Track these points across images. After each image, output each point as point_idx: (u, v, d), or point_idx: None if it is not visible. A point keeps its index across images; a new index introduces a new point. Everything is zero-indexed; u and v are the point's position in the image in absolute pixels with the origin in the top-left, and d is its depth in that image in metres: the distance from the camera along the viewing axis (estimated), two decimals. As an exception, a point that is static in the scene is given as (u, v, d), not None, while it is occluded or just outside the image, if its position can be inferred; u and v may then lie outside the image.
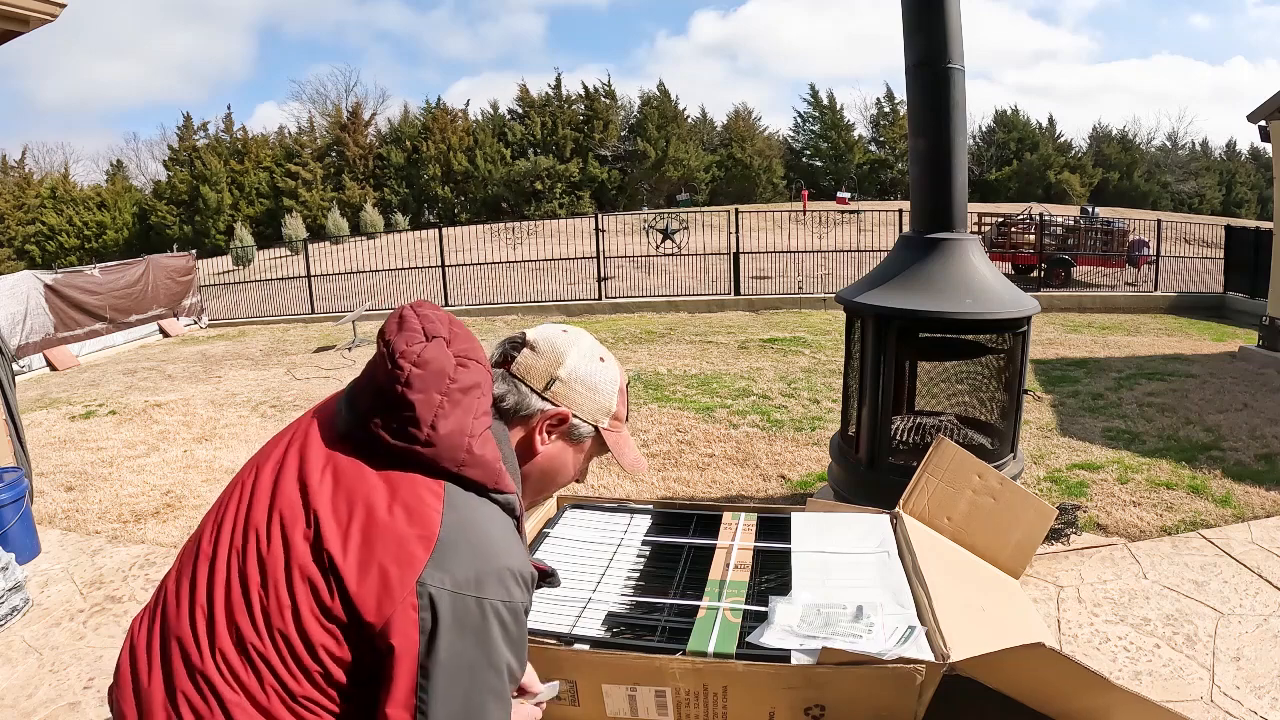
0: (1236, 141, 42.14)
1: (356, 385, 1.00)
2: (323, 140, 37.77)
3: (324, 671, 0.87)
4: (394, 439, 0.92)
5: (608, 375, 1.10)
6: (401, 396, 0.92)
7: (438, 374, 0.93)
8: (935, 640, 1.63)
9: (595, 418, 1.09)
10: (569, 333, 1.11)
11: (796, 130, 43.93)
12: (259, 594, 0.89)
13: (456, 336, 0.99)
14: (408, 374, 0.92)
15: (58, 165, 36.65)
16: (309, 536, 0.90)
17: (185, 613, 0.92)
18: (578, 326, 1.15)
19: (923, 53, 2.97)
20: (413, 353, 0.94)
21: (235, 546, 0.93)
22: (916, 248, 3.07)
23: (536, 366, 1.07)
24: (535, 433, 1.07)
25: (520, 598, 0.92)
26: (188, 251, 14.26)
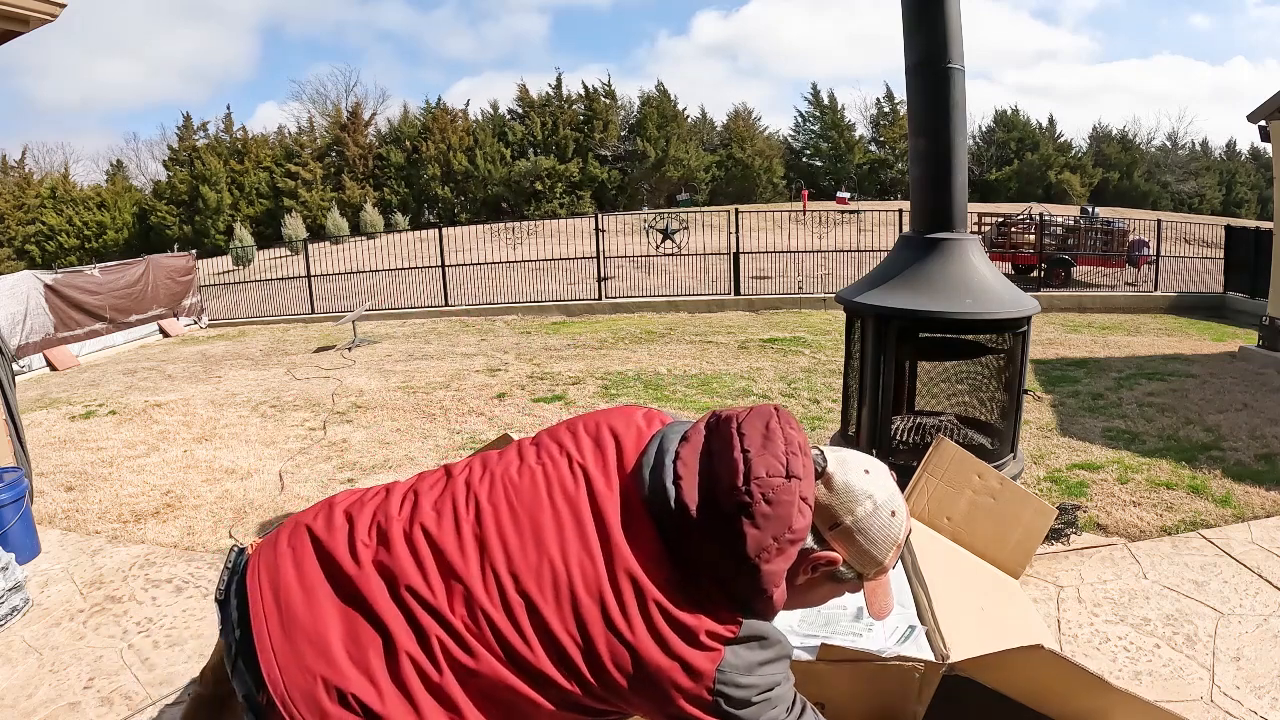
0: (1236, 141, 42.18)
1: (685, 465, 0.96)
2: (323, 140, 37.75)
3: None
4: (711, 558, 0.91)
5: (892, 533, 1.03)
6: (736, 522, 0.90)
7: (781, 520, 0.91)
8: (935, 640, 1.63)
9: (863, 568, 1.03)
10: (871, 474, 1.04)
11: (797, 130, 43.96)
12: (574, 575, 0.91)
13: (807, 478, 0.95)
14: (755, 506, 0.90)
15: (58, 165, 36.66)
16: (609, 604, 0.90)
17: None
18: (879, 463, 1.07)
19: (923, 53, 2.97)
20: (770, 484, 0.91)
21: (518, 548, 0.93)
22: (916, 248, 3.07)
23: (826, 506, 1.01)
24: (802, 568, 1.02)
25: (790, 676, 1.00)
26: (188, 251, 14.26)
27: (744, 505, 0.90)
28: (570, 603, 0.90)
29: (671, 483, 0.94)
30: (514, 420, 5.69)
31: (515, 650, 0.88)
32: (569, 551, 0.92)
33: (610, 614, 0.89)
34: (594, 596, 0.90)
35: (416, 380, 7.26)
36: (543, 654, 0.88)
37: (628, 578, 0.91)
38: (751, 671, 0.92)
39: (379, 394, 6.74)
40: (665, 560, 0.92)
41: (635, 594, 0.90)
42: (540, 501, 0.96)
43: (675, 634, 0.89)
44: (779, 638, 0.97)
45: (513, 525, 0.94)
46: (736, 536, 0.90)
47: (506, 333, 10.33)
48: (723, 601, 0.92)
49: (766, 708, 0.94)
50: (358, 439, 5.36)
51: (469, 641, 0.88)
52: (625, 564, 0.91)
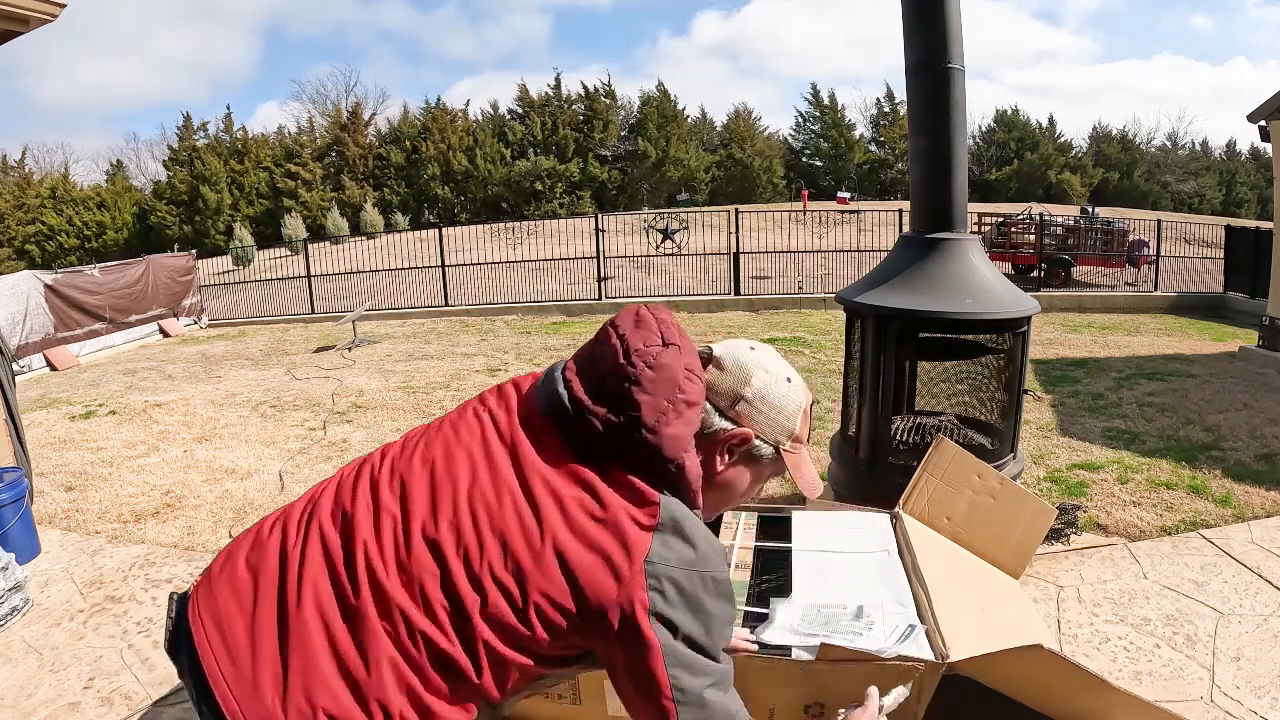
0: (1236, 141, 42.20)
1: (571, 372, 0.98)
2: (322, 140, 37.76)
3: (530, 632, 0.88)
4: (612, 435, 0.92)
5: (793, 396, 1.07)
6: (628, 394, 0.92)
7: (669, 381, 0.93)
8: (935, 640, 1.63)
9: (777, 439, 1.06)
10: (756, 350, 1.08)
11: (797, 130, 43.98)
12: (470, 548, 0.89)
13: (687, 349, 0.98)
14: (639, 373, 0.92)
15: (58, 165, 36.68)
16: (525, 515, 0.90)
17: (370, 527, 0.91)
18: (762, 343, 1.11)
19: (923, 53, 2.97)
20: (649, 353, 0.93)
21: (430, 503, 0.92)
22: (916, 248, 3.07)
23: (722, 385, 1.04)
24: (717, 453, 1.04)
25: (728, 572, 0.96)
26: (188, 251, 14.26)
27: (629, 376, 0.92)
28: (492, 532, 0.89)
29: (563, 387, 0.96)
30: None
31: (450, 611, 0.87)
32: (479, 483, 0.92)
33: (526, 525, 0.89)
34: (513, 513, 0.90)
35: (416, 380, 7.26)
36: (474, 599, 0.87)
37: (542, 484, 0.91)
38: (688, 571, 0.90)
39: (379, 394, 6.74)
40: (574, 461, 0.93)
41: (551, 497, 0.90)
42: (451, 452, 0.96)
43: (596, 525, 0.89)
44: (709, 539, 0.95)
45: (426, 481, 0.94)
46: (631, 408, 0.91)
47: (506, 333, 10.33)
48: (638, 488, 0.92)
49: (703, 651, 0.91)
50: (358, 439, 5.36)
51: (412, 616, 0.87)
52: (538, 473, 0.92)
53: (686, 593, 0.89)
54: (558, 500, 0.90)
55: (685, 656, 0.90)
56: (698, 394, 0.96)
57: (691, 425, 0.95)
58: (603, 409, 0.93)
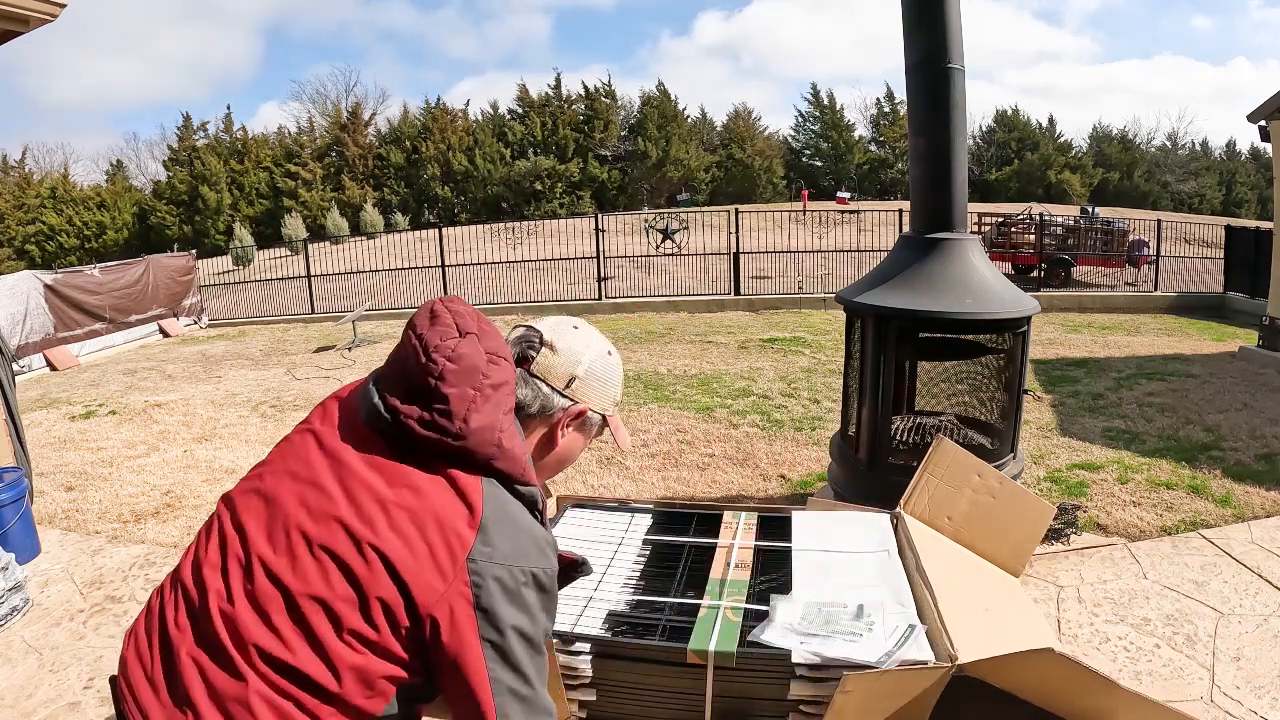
0: (1236, 141, 42.18)
1: (383, 376, 1.02)
2: (322, 140, 37.76)
3: (369, 640, 0.89)
4: (426, 430, 0.95)
5: (615, 368, 1.17)
6: (435, 390, 0.95)
7: (471, 370, 0.96)
8: (940, 641, 1.63)
9: (605, 408, 1.15)
10: (580, 329, 1.15)
11: (797, 130, 43.97)
12: (298, 577, 0.90)
13: (486, 334, 1.02)
14: (442, 368, 0.95)
15: (58, 165, 36.66)
16: (354, 524, 0.92)
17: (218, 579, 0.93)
18: (581, 319, 1.19)
19: (923, 53, 2.98)
20: (446, 347, 0.97)
21: (266, 532, 0.94)
22: (916, 248, 3.07)
23: (557, 367, 1.10)
24: (559, 429, 1.12)
25: (555, 565, 1.00)
26: (188, 251, 14.26)
27: (432, 373, 0.95)
28: (323, 548, 0.91)
29: (376, 397, 1.00)
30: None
31: (302, 634, 0.89)
32: (306, 502, 0.95)
33: (354, 534, 0.91)
34: (338, 526, 0.92)
35: (416, 380, 7.25)
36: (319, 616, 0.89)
37: (366, 492, 0.94)
38: (510, 567, 0.93)
39: (379, 394, 6.74)
40: (397, 465, 0.96)
41: (376, 504, 0.93)
42: (279, 478, 0.99)
43: (419, 527, 0.91)
44: (532, 533, 0.98)
45: (261, 512, 0.97)
46: (439, 402, 0.95)
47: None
48: (460, 484, 0.95)
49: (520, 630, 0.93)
50: (358, 439, 5.36)
51: (269, 648, 0.89)
52: (361, 482, 0.95)
53: (509, 588, 0.92)
54: (382, 506, 0.92)
55: (508, 653, 0.92)
56: (503, 375, 1.00)
57: (502, 406, 0.99)
58: (415, 409, 0.95)
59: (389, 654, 0.91)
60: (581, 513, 2.43)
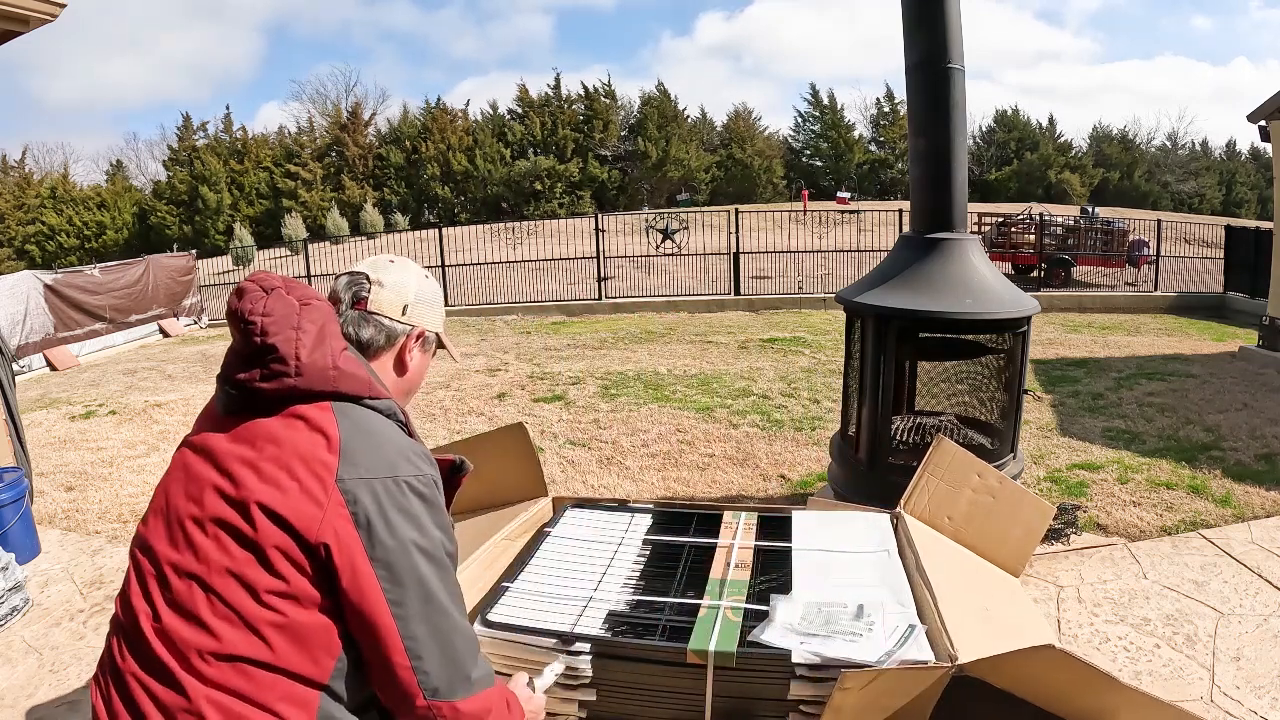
0: (1236, 141, 42.17)
1: (225, 368, 1.07)
2: (322, 140, 37.75)
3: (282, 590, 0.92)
4: (269, 383, 1.00)
5: (437, 289, 1.28)
6: (263, 345, 1.00)
7: (286, 315, 1.02)
8: (941, 641, 1.63)
9: (438, 326, 1.26)
10: (396, 262, 1.24)
11: (797, 130, 43.96)
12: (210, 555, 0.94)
13: (292, 286, 1.08)
14: (261, 325, 1.01)
15: (57, 165, 36.66)
16: (229, 489, 0.96)
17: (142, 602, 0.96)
18: (393, 253, 1.31)
19: (923, 53, 2.97)
20: (259, 308, 1.03)
21: (167, 539, 0.98)
22: (916, 248, 3.07)
23: (389, 299, 1.19)
24: (405, 353, 1.21)
25: (429, 471, 1.04)
26: (188, 251, 14.26)
27: (254, 333, 1.01)
28: (215, 525, 0.95)
29: (221, 382, 1.07)
30: (514, 420, 5.69)
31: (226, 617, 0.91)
32: (190, 494, 1.00)
33: (234, 501, 0.95)
34: (220, 500, 0.96)
35: (416, 380, 7.25)
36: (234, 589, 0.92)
37: (238, 462, 0.98)
38: (382, 479, 0.96)
39: (379, 394, 6.74)
40: (259, 429, 1.01)
41: (247, 467, 0.97)
42: (168, 489, 1.04)
43: (286, 469, 0.96)
44: (396, 444, 1.03)
45: (162, 525, 1.00)
46: (270, 353, 1.00)
47: (506, 333, 10.33)
48: (313, 419, 1.00)
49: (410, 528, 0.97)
50: (358, 439, 5.36)
51: (203, 645, 0.91)
52: (233, 456, 0.99)
53: (385, 501, 0.96)
54: (250, 465, 0.97)
55: (403, 569, 0.95)
56: (318, 313, 1.06)
57: (327, 335, 1.04)
58: (254, 372, 1.01)
59: (308, 600, 0.92)
60: (581, 513, 2.43)
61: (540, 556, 2.14)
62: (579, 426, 5.44)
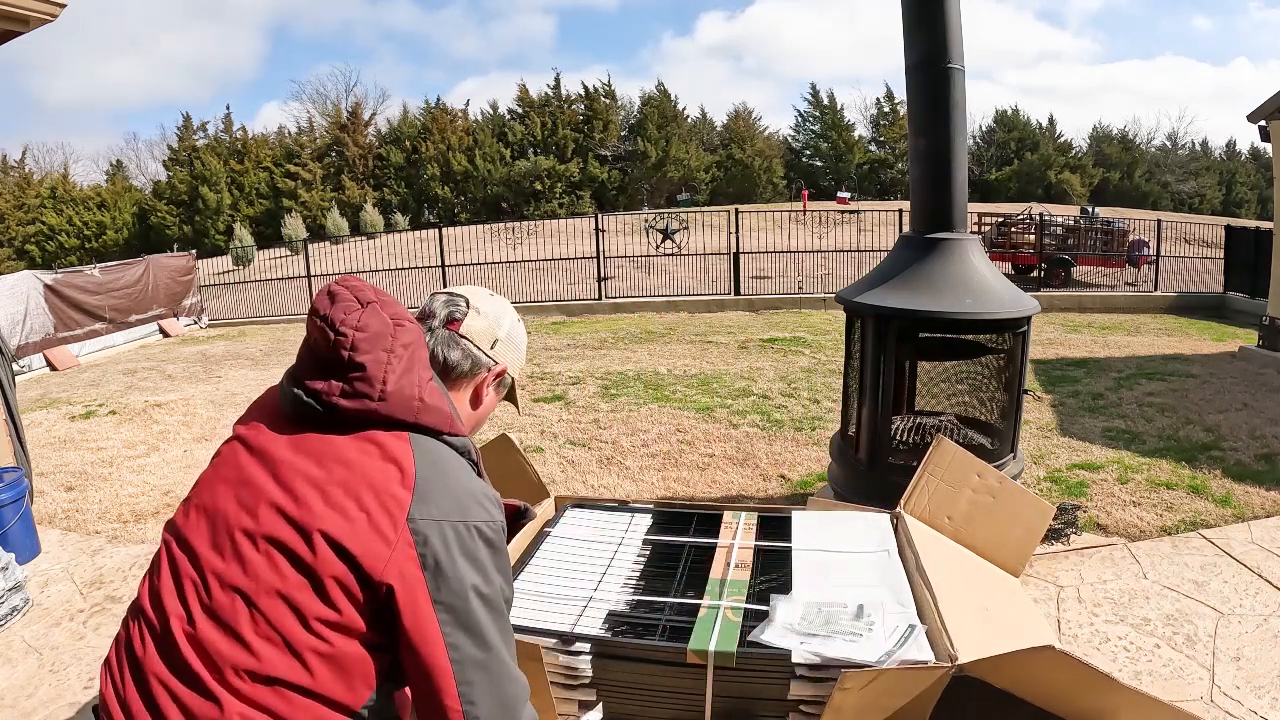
0: (1236, 141, 42.16)
1: (297, 369, 1.03)
2: (322, 140, 37.76)
3: (335, 621, 0.89)
4: (349, 401, 0.96)
5: (525, 334, 1.26)
6: (350, 361, 0.96)
7: (379, 334, 0.98)
8: (941, 641, 1.63)
9: (517, 370, 1.23)
10: (495, 298, 1.22)
11: (797, 130, 43.97)
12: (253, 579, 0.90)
13: (386, 302, 1.03)
14: (352, 339, 0.97)
15: (57, 165, 36.65)
16: (291, 509, 0.92)
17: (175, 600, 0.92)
18: (499, 295, 1.26)
19: (923, 53, 2.97)
20: (352, 320, 0.98)
21: (212, 544, 0.93)
22: (916, 248, 3.07)
23: (482, 329, 1.16)
24: (483, 387, 1.17)
25: (499, 517, 1.00)
26: (188, 251, 14.27)
27: (344, 345, 0.96)
28: (269, 543, 0.90)
29: (293, 385, 1.00)
30: (513, 420, 5.69)
31: (268, 636, 0.88)
32: (245, 504, 0.95)
33: (295, 522, 0.90)
34: (279, 518, 0.92)
35: (416, 380, 7.25)
36: (281, 610, 0.89)
37: (302, 479, 0.94)
38: (453, 523, 0.93)
39: (379, 394, 6.74)
40: (330, 445, 0.96)
41: (312, 488, 0.93)
42: (215, 490, 0.99)
43: (355, 498, 0.92)
44: (470, 488, 0.98)
45: (205, 528, 0.96)
46: (357, 370, 0.96)
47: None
48: (390, 449, 0.96)
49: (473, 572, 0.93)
50: (358, 439, 5.36)
51: (240, 661, 0.88)
52: (296, 471, 0.95)
53: (454, 545, 0.92)
54: (315, 485, 0.92)
55: (464, 614, 0.92)
56: (411, 335, 1.02)
57: (416, 363, 1.01)
58: (335, 384, 0.96)
59: (356, 633, 0.90)
60: (581, 513, 2.43)
61: (540, 556, 2.14)
62: (579, 426, 5.44)
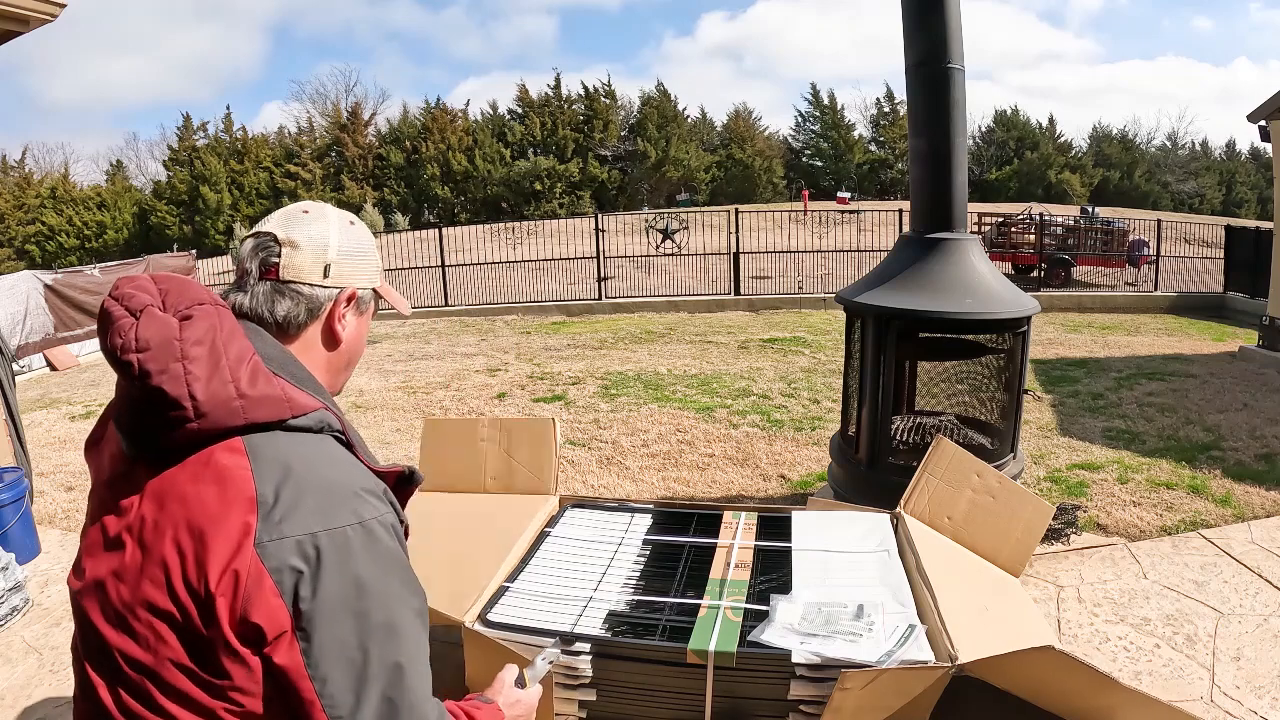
0: (1236, 141, 42.21)
1: (117, 410, 0.89)
2: (322, 140, 37.78)
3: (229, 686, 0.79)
4: (171, 432, 0.82)
5: (365, 236, 1.05)
6: (146, 390, 0.81)
7: (164, 344, 0.82)
8: (941, 641, 1.63)
9: (372, 280, 1.05)
10: (310, 211, 1.03)
11: (797, 130, 44.00)
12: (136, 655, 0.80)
13: (166, 294, 0.87)
14: (138, 364, 0.80)
15: (58, 165, 36.66)
16: (149, 568, 0.80)
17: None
18: (308, 201, 1.09)
19: (923, 53, 2.98)
20: (129, 341, 0.82)
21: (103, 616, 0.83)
22: (916, 248, 3.07)
23: (306, 261, 0.97)
24: (335, 321, 1.00)
25: (375, 510, 0.84)
26: (188, 251, 14.27)
27: (133, 375, 0.81)
28: (144, 608, 0.80)
29: (120, 430, 0.88)
30: (514, 420, 5.69)
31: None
32: (114, 567, 0.84)
33: (151, 575, 0.80)
34: (138, 573, 0.81)
35: (416, 380, 7.26)
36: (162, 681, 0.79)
37: (146, 528, 0.82)
38: (312, 535, 0.78)
39: (379, 394, 6.74)
40: (165, 484, 0.83)
41: (155, 533, 0.81)
42: (93, 557, 0.88)
43: (191, 539, 0.79)
44: (329, 485, 0.83)
45: (95, 602, 0.85)
46: (158, 397, 0.81)
47: (506, 333, 10.33)
48: (225, 470, 0.82)
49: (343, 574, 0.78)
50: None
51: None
52: (141, 519, 0.83)
53: (317, 562, 0.78)
54: (167, 537, 0.80)
55: (342, 643, 0.78)
56: (200, 328, 0.84)
57: (223, 355, 0.84)
58: (147, 420, 0.83)
59: (256, 691, 0.79)
60: (581, 513, 2.43)
61: (540, 556, 2.14)
62: (579, 426, 5.44)
